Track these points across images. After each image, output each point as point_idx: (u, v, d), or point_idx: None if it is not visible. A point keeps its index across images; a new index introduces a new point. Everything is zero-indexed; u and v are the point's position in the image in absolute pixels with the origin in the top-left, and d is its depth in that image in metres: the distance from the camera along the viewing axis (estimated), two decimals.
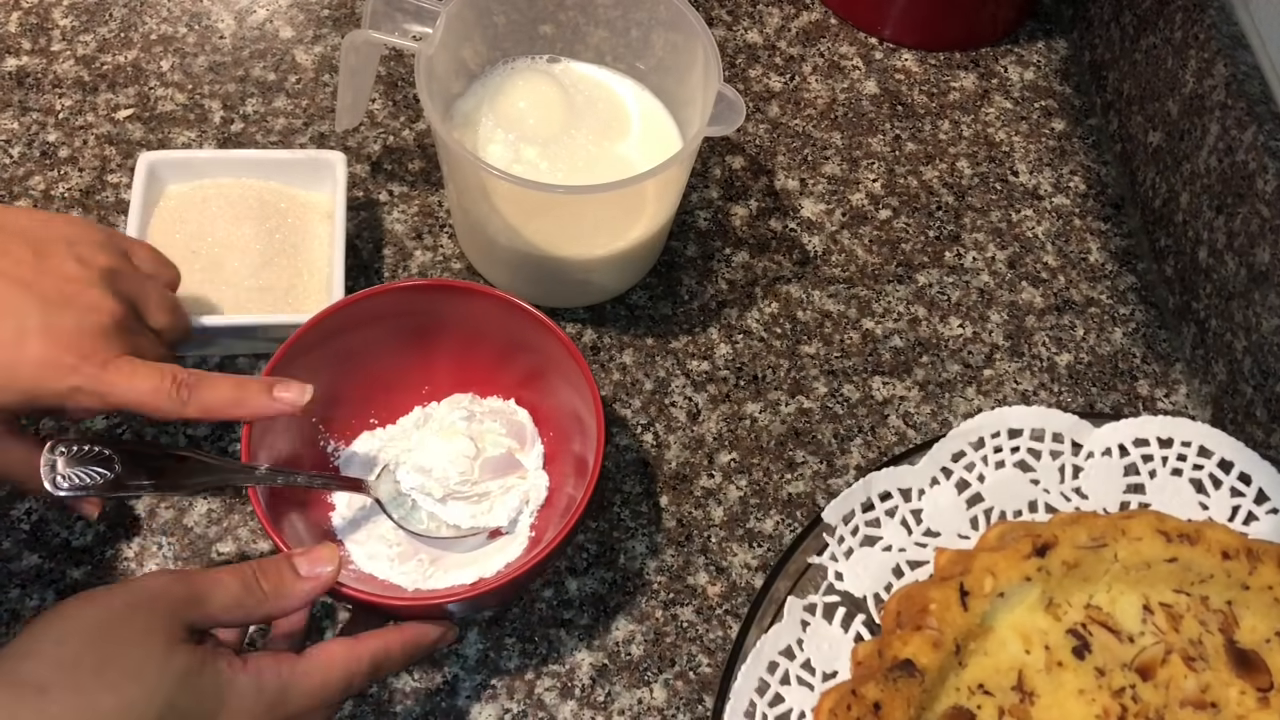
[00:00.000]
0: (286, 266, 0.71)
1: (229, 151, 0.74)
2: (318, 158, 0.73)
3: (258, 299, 0.69)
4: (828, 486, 0.70)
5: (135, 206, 0.70)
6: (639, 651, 0.64)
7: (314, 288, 0.71)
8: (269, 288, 0.70)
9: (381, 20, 0.66)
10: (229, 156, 0.73)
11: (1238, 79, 0.70)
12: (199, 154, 0.74)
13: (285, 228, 0.72)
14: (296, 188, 0.74)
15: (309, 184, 0.73)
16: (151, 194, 0.71)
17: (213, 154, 0.73)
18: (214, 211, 0.72)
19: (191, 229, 0.71)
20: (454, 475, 0.63)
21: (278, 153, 0.74)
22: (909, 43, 0.87)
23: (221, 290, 0.69)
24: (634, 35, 0.73)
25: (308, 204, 0.73)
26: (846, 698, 0.56)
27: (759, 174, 0.81)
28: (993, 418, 0.66)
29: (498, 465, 0.64)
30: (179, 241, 0.70)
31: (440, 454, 0.63)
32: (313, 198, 0.74)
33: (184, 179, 0.73)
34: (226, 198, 0.72)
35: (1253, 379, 0.68)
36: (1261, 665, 0.58)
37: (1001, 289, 0.77)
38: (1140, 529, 0.59)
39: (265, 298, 0.70)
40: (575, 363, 0.61)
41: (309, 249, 0.72)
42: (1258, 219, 0.67)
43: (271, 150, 0.76)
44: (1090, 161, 0.84)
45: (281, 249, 0.71)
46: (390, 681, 0.62)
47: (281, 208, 0.73)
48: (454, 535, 0.63)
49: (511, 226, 0.68)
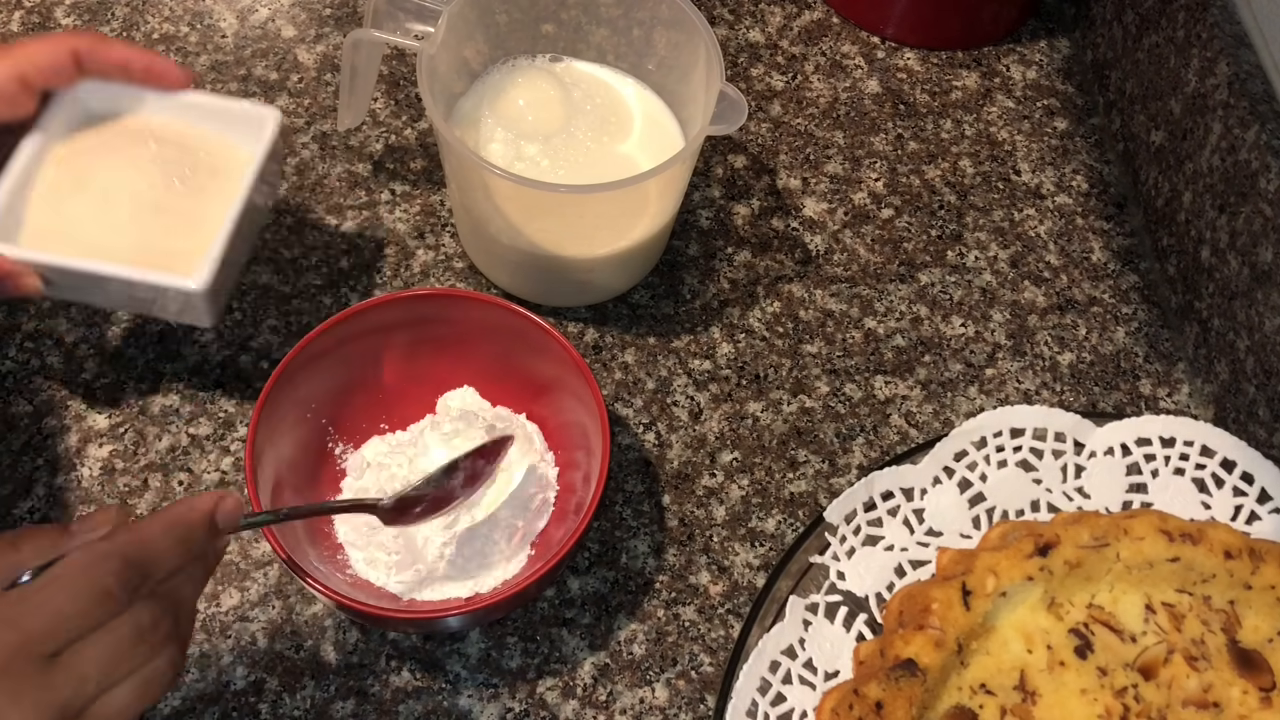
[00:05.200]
0: (175, 224, 0.63)
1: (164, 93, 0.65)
2: (248, 111, 0.65)
3: (123, 250, 0.62)
4: (830, 486, 0.69)
5: (46, 120, 0.63)
6: (641, 651, 0.64)
7: (193, 248, 0.62)
8: (147, 241, 0.62)
9: (384, 19, 0.66)
10: (163, 97, 0.65)
11: (1240, 78, 0.70)
12: (132, 90, 0.65)
13: (191, 180, 0.64)
14: (229, 138, 0.66)
15: (243, 136, 0.65)
16: (69, 114, 0.64)
17: (143, 92, 0.65)
18: (121, 146, 0.64)
19: (91, 162, 0.64)
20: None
21: (209, 97, 0.66)
22: (911, 42, 0.87)
23: (93, 232, 0.62)
24: (636, 34, 0.72)
25: (233, 157, 0.65)
26: (848, 697, 0.56)
27: (761, 173, 0.81)
28: (995, 417, 0.66)
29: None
30: (72, 171, 0.63)
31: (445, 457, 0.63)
32: (243, 152, 0.65)
33: (112, 107, 0.65)
34: (139, 134, 0.65)
35: (1255, 378, 0.68)
36: (1264, 665, 0.58)
37: (1004, 288, 0.77)
38: (1142, 528, 0.59)
39: (135, 250, 0.62)
40: (582, 375, 0.61)
41: (210, 208, 0.63)
42: (1260, 218, 0.67)
43: (205, 94, 0.66)
44: (1092, 161, 0.84)
45: (178, 202, 0.63)
46: (391, 680, 0.62)
47: (199, 157, 0.65)
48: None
49: (513, 226, 0.68)
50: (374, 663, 0.63)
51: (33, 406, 0.69)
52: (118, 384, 0.70)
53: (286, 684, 0.62)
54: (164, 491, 0.67)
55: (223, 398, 0.70)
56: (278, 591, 0.64)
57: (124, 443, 0.68)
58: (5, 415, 0.68)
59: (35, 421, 0.68)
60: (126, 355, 0.71)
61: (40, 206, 0.62)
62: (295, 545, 0.58)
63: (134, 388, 0.70)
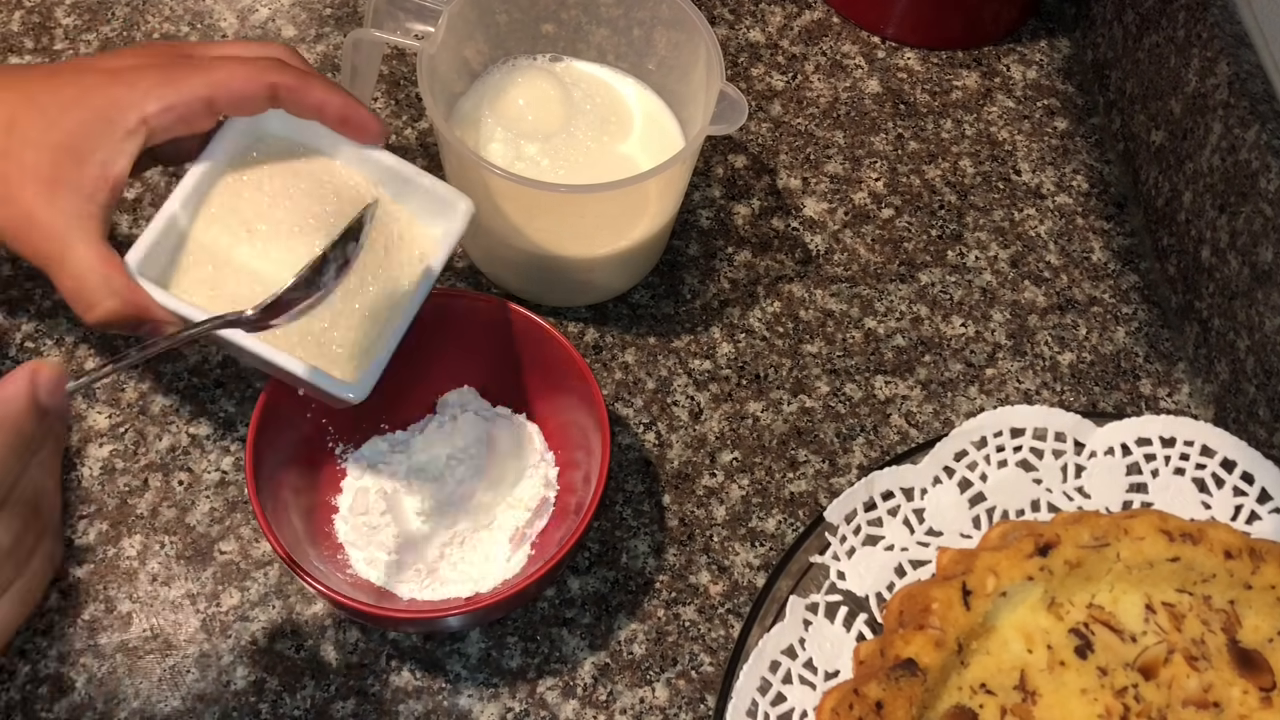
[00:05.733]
0: (339, 301, 0.56)
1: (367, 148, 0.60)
2: (440, 192, 0.60)
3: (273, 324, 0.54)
4: (830, 485, 0.69)
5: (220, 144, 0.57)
6: (641, 650, 0.64)
7: (352, 339, 0.57)
8: (306, 318, 0.54)
9: (384, 19, 0.66)
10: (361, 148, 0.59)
11: (1240, 78, 0.70)
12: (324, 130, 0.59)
13: (365, 252, 0.55)
14: (409, 211, 0.60)
15: (426, 215, 0.60)
16: (247, 137, 0.58)
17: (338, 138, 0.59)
18: (296, 194, 0.57)
19: (261, 204, 0.57)
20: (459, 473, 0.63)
21: (401, 163, 0.60)
22: (911, 42, 0.87)
23: (252, 291, 0.56)
24: (636, 34, 0.72)
25: (408, 235, 0.59)
26: (849, 697, 0.56)
27: (761, 173, 0.81)
28: (995, 417, 0.66)
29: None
30: (242, 204, 0.57)
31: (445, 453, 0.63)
32: (419, 230, 0.60)
33: (289, 134, 0.59)
34: (318, 182, 0.58)
35: (1255, 378, 0.68)
36: (1264, 665, 0.58)
37: (1004, 288, 0.77)
38: (1143, 528, 0.59)
39: (292, 325, 0.54)
40: (582, 375, 0.61)
41: (378, 293, 0.57)
42: (1260, 218, 0.67)
43: (395, 158, 0.60)
44: (1093, 160, 0.84)
45: (348, 276, 0.54)
46: (392, 680, 0.62)
47: (376, 226, 0.57)
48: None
49: (514, 225, 0.68)
50: (374, 663, 0.63)
51: None
52: (118, 384, 0.70)
53: (286, 684, 0.62)
54: (164, 491, 0.67)
55: (223, 398, 0.70)
56: (278, 591, 0.64)
57: (124, 442, 0.68)
58: None
59: None
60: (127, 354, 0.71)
61: (201, 246, 0.57)
62: (295, 545, 0.58)
63: (134, 387, 0.70)
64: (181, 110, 0.55)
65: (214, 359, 0.71)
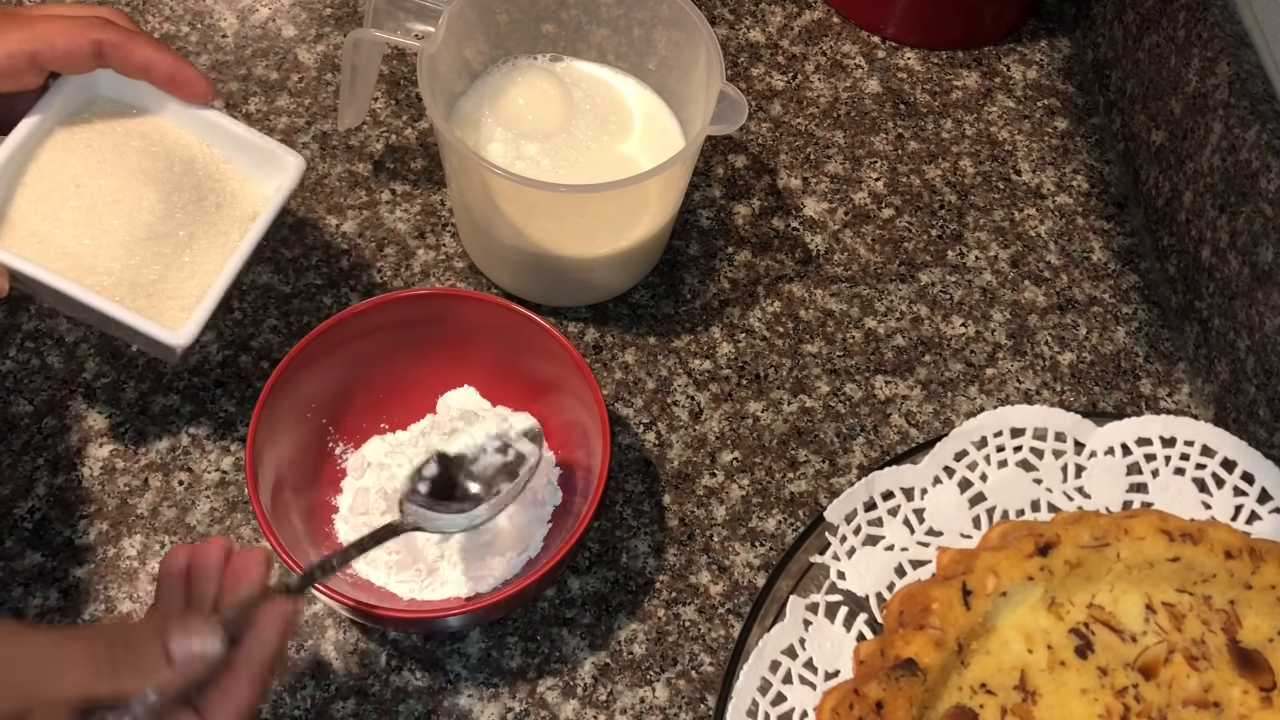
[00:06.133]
0: (168, 257, 0.60)
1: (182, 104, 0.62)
2: (271, 150, 0.62)
3: (109, 274, 0.59)
4: (830, 485, 0.69)
5: (50, 101, 0.59)
6: (641, 650, 0.64)
7: (183, 294, 0.60)
8: (135, 269, 0.59)
9: (384, 19, 0.66)
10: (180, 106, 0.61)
11: (1241, 78, 0.70)
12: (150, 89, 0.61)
13: (195, 209, 0.60)
14: (241, 169, 0.63)
15: (257, 172, 0.63)
16: (77, 97, 0.60)
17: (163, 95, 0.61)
18: (127, 151, 0.60)
19: (91, 160, 0.59)
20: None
21: (232, 123, 0.62)
22: (911, 41, 0.87)
23: (80, 244, 0.58)
24: (636, 34, 0.72)
25: (240, 193, 0.62)
26: (849, 697, 0.56)
27: (761, 173, 0.81)
28: (995, 417, 0.66)
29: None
30: (72, 160, 0.59)
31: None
32: (251, 189, 0.63)
33: (125, 96, 0.62)
34: (149, 141, 0.61)
35: (1256, 378, 0.68)
36: (1264, 665, 0.58)
37: (1004, 288, 0.77)
38: (1143, 528, 0.59)
39: (121, 276, 0.59)
40: (582, 375, 0.61)
41: (208, 246, 0.61)
42: (1261, 218, 0.67)
43: (228, 118, 0.63)
44: (1093, 160, 0.83)
45: (176, 231, 0.60)
46: (392, 680, 0.62)
47: (207, 183, 0.61)
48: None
49: (514, 225, 0.68)
50: (374, 662, 0.63)
51: (33, 406, 0.69)
52: (118, 384, 0.70)
53: (286, 684, 0.62)
54: (164, 491, 0.67)
55: (223, 398, 0.70)
56: None
57: (124, 442, 0.68)
58: (5, 415, 0.68)
59: (35, 421, 0.68)
60: (127, 355, 0.71)
61: (29, 201, 0.59)
62: (295, 545, 0.58)
63: (134, 387, 0.70)
64: (4, 64, 0.55)
65: (214, 359, 0.71)
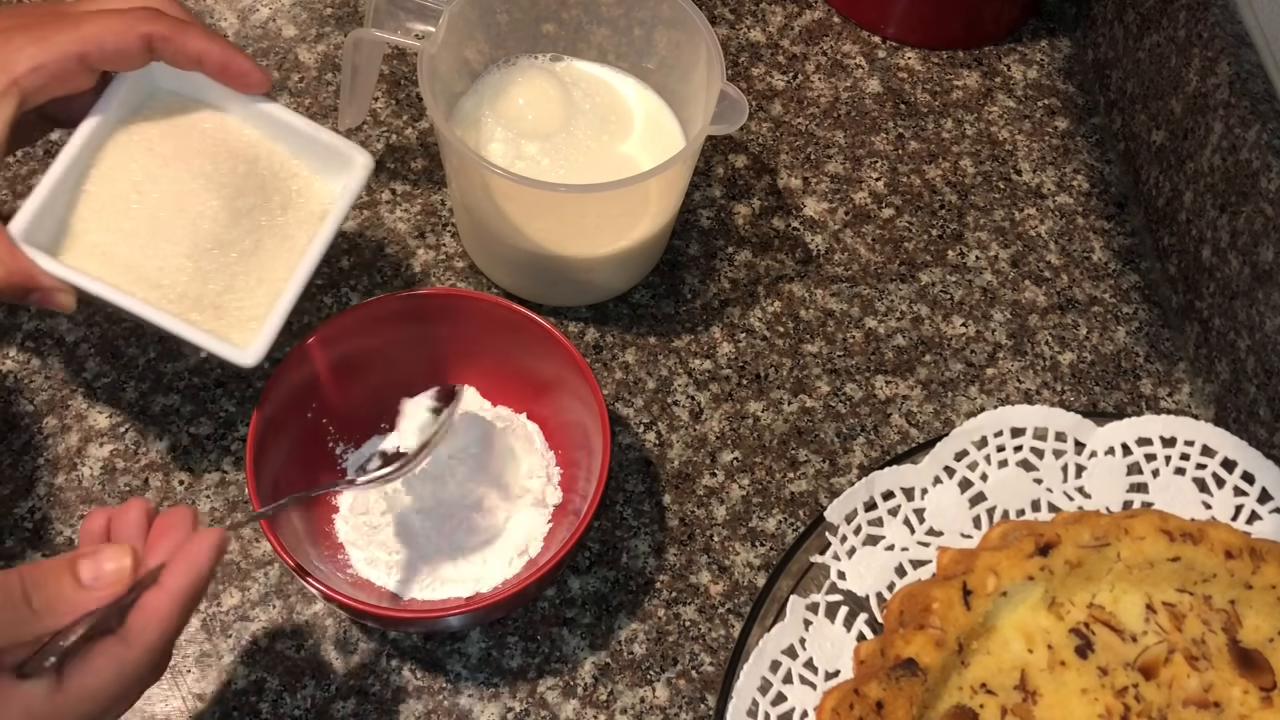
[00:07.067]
0: (234, 268, 0.57)
1: (250, 97, 0.59)
2: (336, 146, 0.60)
3: (174, 287, 0.57)
4: (830, 485, 0.69)
5: (108, 102, 0.56)
6: (641, 650, 0.64)
7: (251, 304, 0.58)
8: (200, 281, 0.56)
9: (384, 19, 0.66)
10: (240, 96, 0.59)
11: (1241, 77, 0.70)
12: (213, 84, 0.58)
13: (260, 211, 0.58)
14: (306, 166, 0.60)
15: (323, 169, 0.60)
16: (136, 94, 0.57)
17: (226, 90, 0.58)
18: (189, 154, 0.57)
19: (153, 165, 0.57)
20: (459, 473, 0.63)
21: (296, 118, 0.59)
22: (912, 41, 0.87)
23: (144, 257, 0.56)
24: (637, 34, 0.72)
25: (305, 192, 0.60)
26: (849, 697, 0.56)
27: (762, 173, 0.81)
28: (995, 417, 0.66)
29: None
30: (133, 166, 0.57)
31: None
32: (317, 186, 0.60)
33: (180, 89, 0.59)
34: (211, 140, 0.58)
35: (1256, 378, 0.68)
36: (1264, 665, 0.58)
37: (1004, 288, 0.77)
38: (1143, 528, 0.59)
39: (186, 290, 0.56)
40: (582, 375, 0.61)
41: (275, 251, 0.58)
42: (1261, 218, 0.67)
43: (291, 113, 0.60)
44: (1093, 160, 0.83)
45: (241, 239, 0.57)
46: (392, 680, 0.62)
47: (271, 182, 0.59)
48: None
49: (514, 225, 0.68)
50: (374, 662, 0.63)
51: (33, 406, 0.69)
52: (118, 384, 0.70)
53: (287, 683, 0.62)
54: (164, 491, 0.67)
55: (223, 398, 0.70)
56: (278, 591, 0.64)
57: (124, 442, 0.68)
58: (5, 415, 0.68)
59: (35, 421, 0.68)
60: (127, 355, 0.71)
61: (92, 209, 0.56)
62: (296, 545, 0.58)
63: (134, 387, 0.70)
64: (53, 69, 0.53)
65: (214, 359, 0.70)
